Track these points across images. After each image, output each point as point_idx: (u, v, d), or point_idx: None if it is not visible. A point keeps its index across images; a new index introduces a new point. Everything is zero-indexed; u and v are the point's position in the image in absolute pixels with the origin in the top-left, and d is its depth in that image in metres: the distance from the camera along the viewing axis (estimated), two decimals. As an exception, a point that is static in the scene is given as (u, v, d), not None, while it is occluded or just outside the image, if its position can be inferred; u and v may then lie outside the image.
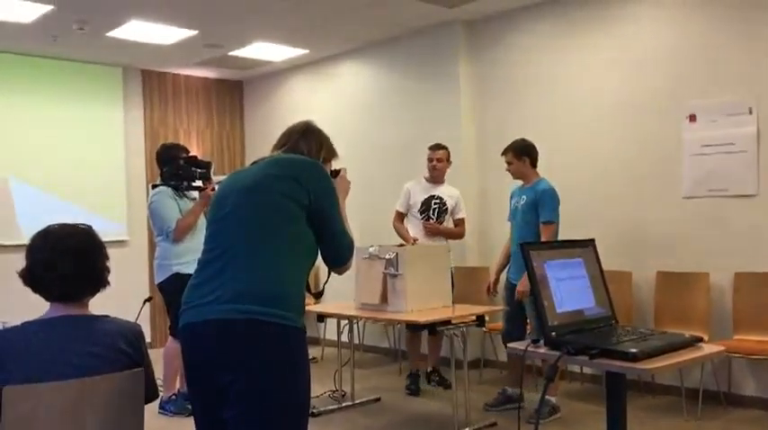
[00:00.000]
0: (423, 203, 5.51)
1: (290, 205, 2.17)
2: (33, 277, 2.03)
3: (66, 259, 2.02)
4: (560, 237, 5.53)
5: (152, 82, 7.87)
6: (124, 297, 7.25)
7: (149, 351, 2.18)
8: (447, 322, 4.23)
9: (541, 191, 4.59)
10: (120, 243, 7.49)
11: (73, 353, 1.97)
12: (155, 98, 7.89)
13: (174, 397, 4.91)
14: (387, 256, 4.43)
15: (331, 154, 2.51)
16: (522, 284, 4.45)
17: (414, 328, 5.50)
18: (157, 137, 7.87)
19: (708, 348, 1.77)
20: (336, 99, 7.45)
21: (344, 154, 6.28)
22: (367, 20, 6.11)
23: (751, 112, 4.65)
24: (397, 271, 4.37)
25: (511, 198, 4.92)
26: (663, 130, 5.05)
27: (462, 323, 4.29)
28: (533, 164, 4.74)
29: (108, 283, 2.13)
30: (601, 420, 4.40)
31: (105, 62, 7.32)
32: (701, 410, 4.52)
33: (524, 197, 4.68)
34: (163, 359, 4.93)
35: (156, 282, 4.94)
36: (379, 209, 6.80)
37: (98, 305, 2.51)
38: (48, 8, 5.49)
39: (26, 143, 6.94)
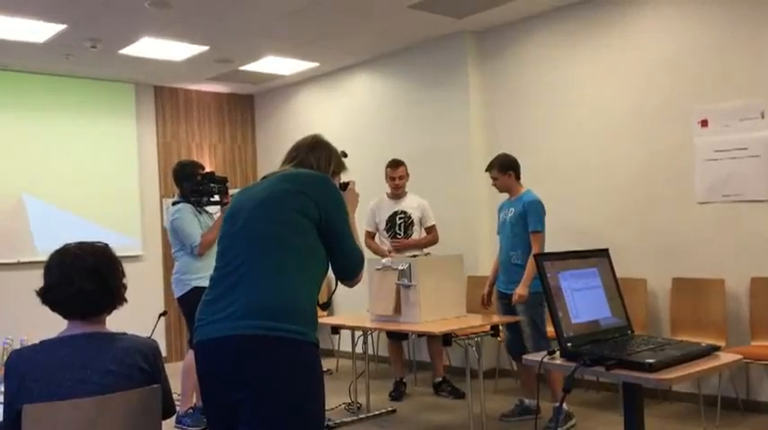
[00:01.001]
0: (388, 221, 5.61)
1: (301, 220, 2.18)
2: (51, 295, 2.06)
3: (84, 277, 2.04)
4: (573, 245, 5.55)
5: (164, 97, 7.94)
6: (139, 312, 7.28)
7: (165, 365, 2.21)
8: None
9: (528, 202, 4.66)
10: (135, 258, 7.54)
11: (92, 371, 1.99)
12: (167, 113, 7.96)
13: (191, 410, 4.95)
14: (400, 267, 4.43)
15: (340, 167, 2.53)
16: (520, 290, 4.51)
17: (396, 337, 5.54)
18: (170, 152, 7.94)
19: (725, 357, 1.76)
20: (347, 111, 7.48)
21: (355, 166, 6.33)
22: (376, 32, 6.14)
23: (763, 116, 4.63)
24: (410, 281, 4.37)
25: (499, 212, 4.97)
26: (674, 136, 5.03)
27: (477, 333, 4.28)
28: (517, 177, 4.82)
29: (125, 300, 2.15)
30: (617, 426, 4.38)
31: (118, 79, 7.40)
32: (719, 417, 4.48)
33: (512, 209, 4.75)
34: (181, 372, 5.01)
35: (176, 296, 5.01)
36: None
37: (113, 320, 2.52)
38: (61, 27, 5.56)
39: (40, 160, 7.02)
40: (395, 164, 5.65)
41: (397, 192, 5.64)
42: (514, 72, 6.06)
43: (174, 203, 5.03)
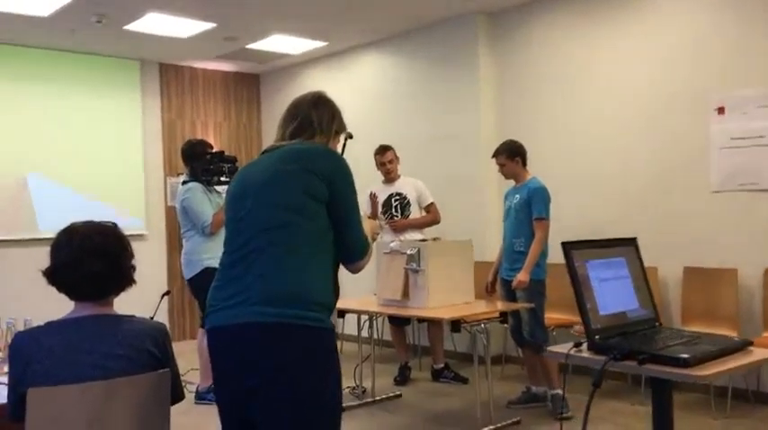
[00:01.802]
0: (384, 204, 5.54)
1: (309, 202, 2.09)
2: (58, 276, 1.99)
3: (92, 258, 1.97)
4: (584, 232, 5.47)
5: (169, 75, 7.83)
6: (142, 291, 7.21)
7: None
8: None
9: (534, 189, 4.59)
10: (139, 237, 7.46)
11: (99, 355, 1.92)
12: (172, 91, 7.86)
13: (213, 385, 4.94)
14: (409, 252, 4.36)
15: (342, 127, 2.42)
16: (521, 276, 4.45)
17: (398, 322, 5.49)
18: (175, 130, 7.85)
19: (759, 352, 1.69)
20: (355, 92, 7.37)
21: (364, 147, 6.30)
22: (386, 12, 6.03)
23: (782, 104, 4.54)
24: (419, 266, 4.30)
25: (505, 198, 4.90)
26: (690, 123, 4.94)
27: (485, 319, 4.22)
28: (524, 163, 4.74)
29: (134, 281, 2.08)
30: (623, 416, 4.32)
31: (123, 55, 7.29)
32: (729, 408, 4.43)
33: (518, 196, 4.68)
34: (198, 351, 5.08)
35: (187, 277, 5.01)
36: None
37: (117, 299, 2.45)
38: (66, 1, 5.45)
39: (43, 137, 6.93)
40: (382, 149, 5.61)
41: (390, 177, 5.60)
42: (526, 54, 5.95)
43: (183, 183, 4.99)
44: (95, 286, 1.99)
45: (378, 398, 5.07)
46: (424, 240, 4.72)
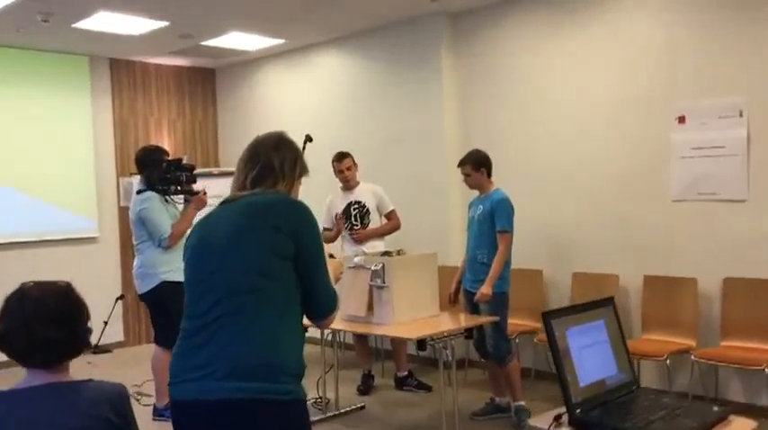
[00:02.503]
0: (343, 213, 5.46)
1: (276, 262, 2.00)
2: (9, 342, 1.86)
3: (46, 325, 1.84)
4: (545, 240, 5.50)
5: (120, 70, 7.57)
6: (95, 295, 7.05)
7: (122, 349, 2.02)
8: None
9: (497, 201, 4.56)
10: (91, 239, 7.26)
11: (57, 428, 1.81)
12: (123, 87, 7.60)
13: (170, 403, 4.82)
14: (373, 267, 4.29)
15: (304, 169, 2.29)
16: (484, 289, 4.43)
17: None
18: (127, 128, 7.61)
19: (739, 424, 1.67)
20: (314, 89, 7.24)
21: (322, 146, 6.19)
22: (346, 10, 5.89)
23: (741, 115, 4.58)
24: (384, 283, 4.24)
25: (469, 208, 4.87)
26: (651, 131, 4.96)
27: (450, 336, 4.19)
28: (489, 174, 4.70)
29: (90, 345, 1.96)
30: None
31: (70, 51, 7.00)
32: (688, 416, 4.50)
33: (481, 207, 4.65)
34: (152, 369, 4.89)
35: (141, 292, 4.81)
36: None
37: None
38: (10, 0, 5.18)
39: (-12, 137, 6.64)
40: (340, 157, 5.48)
41: (348, 185, 5.49)
42: (490, 56, 5.90)
43: (138, 192, 4.77)
44: (49, 354, 1.87)
45: (342, 410, 5.02)
46: (387, 252, 4.64)
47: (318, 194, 7.29)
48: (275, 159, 2.18)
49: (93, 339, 6.88)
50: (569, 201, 5.40)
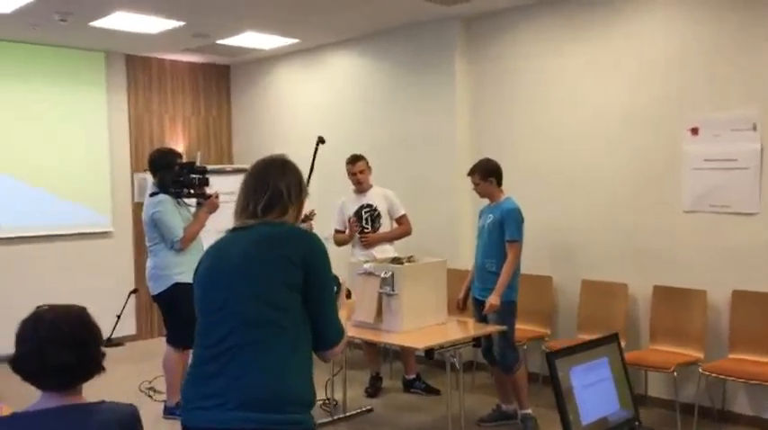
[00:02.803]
0: (354, 215, 5.47)
1: (288, 295, 2.05)
2: (24, 366, 1.91)
3: (60, 349, 1.89)
4: (554, 246, 5.51)
5: (136, 67, 7.61)
6: (109, 289, 7.20)
7: (133, 343, 2.05)
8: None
9: (507, 210, 4.58)
10: (105, 234, 7.34)
11: (69, 451, 1.86)
12: (139, 84, 7.64)
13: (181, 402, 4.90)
14: (383, 275, 4.33)
15: (306, 191, 2.32)
16: (493, 300, 4.46)
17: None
18: (142, 124, 7.67)
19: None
20: (327, 89, 7.25)
21: (333, 146, 6.23)
22: (361, 13, 5.90)
23: (755, 129, 4.55)
24: (393, 290, 4.28)
25: (479, 216, 4.88)
26: (664, 142, 4.95)
27: (459, 345, 4.22)
28: (499, 183, 4.72)
29: (104, 369, 2.01)
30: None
31: (88, 47, 7.05)
32: (696, 426, 4.52)
33: (491, 216, 4.67)
34: (164, 368, 4.98)
35: (154, 293, 4.88)
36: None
37: (83, 297, 2.29)
38: (28, 0, 5.23)
39: (3, 131, 6.70)
40: (353, 159, 5.49)
41: (361, 187, 5.50)
42: (503, 61, 5.89)
43: (151, 195, 4.83)
44: (62, 377, 1.92)
45: (349, 413, 5.07)
46: (397, 259, 4.67)
47: (329, 196, 7.33)
48: (283, 186, 2.20)
49: (106, 332, 6.99)
50: (580, 208, 5.40)
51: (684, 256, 4.87)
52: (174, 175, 4.78)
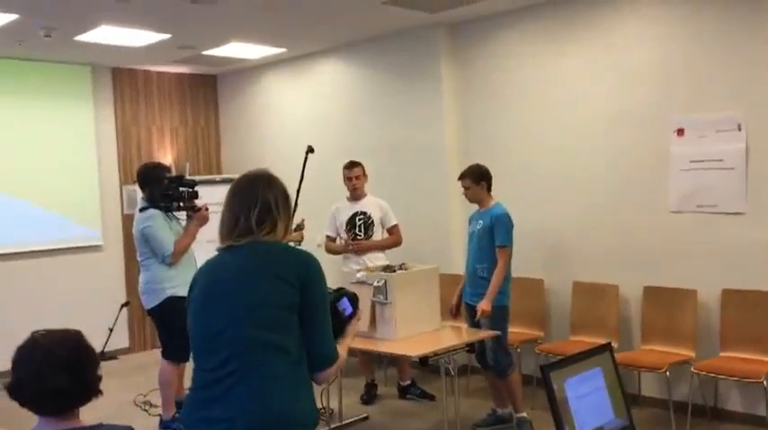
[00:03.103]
0: (348, 222, 5.52)
1: (285, 315, 2.07)
2: (21, 392, 1.91)
3: (57, 373, 1.89)
4: (544, 250, 5.54)
5: (123, 79, 7.60)
6: (100, 303, 7.18)
7: (126, 357, 2.06)
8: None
9: (497, 216, 4.63)
10: (95, 248, 7.31)
11: (67, 476, 1.86)
12: (125, 96, 7.63)
13: (177, 414, 4.90)
14: (375, 283, 4.35)
15: (291, 205, 2.31)
16: (484, 305, 4.49)
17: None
18: (130, 136, 7.65)
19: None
20: (315, 98, 7.27)
21: (322, 155, 6.23)
22: (346, 23, 5.93)
23: (740, 129, 4.61)
24: (386, 299, 4.30)
25: (469, 222, 4.93)
26: (650, 143, 4.99)
27: (453, 351, 4.24)
28: (488, 188, 4.76)
29: (101, 392, 2.01)
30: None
31: (73, 61, 7.03)
32: (689, 424, 4.55)
33: (481, 221, 4.71)
34: (159, 383, 4.96)
35: (148, 307, 4.89)
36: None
37: (76, 311, 2.30)
38: (12, 17, 5.22)
39: (-8, 148, 6.68)
40: (351, 164, 5.54)
41: (356, 194, 5.54)
42: (489, 67, 5.92)
43: (141, 209, 4.84)
44: (60, 402, 1.92)
45: (345, 422, 5.08)
46: (389, 267, 4.69)
47: (319, 203, 7.34)
48: (271, 198, 2.19)
49: (99, 347, 6.97)
50: (569, 210, 5.44)
51: (674, 256, 4.91)
52: (163, 189, 4.80)
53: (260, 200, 2.17)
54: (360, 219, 5.49)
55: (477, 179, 4.72)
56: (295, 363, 2.08)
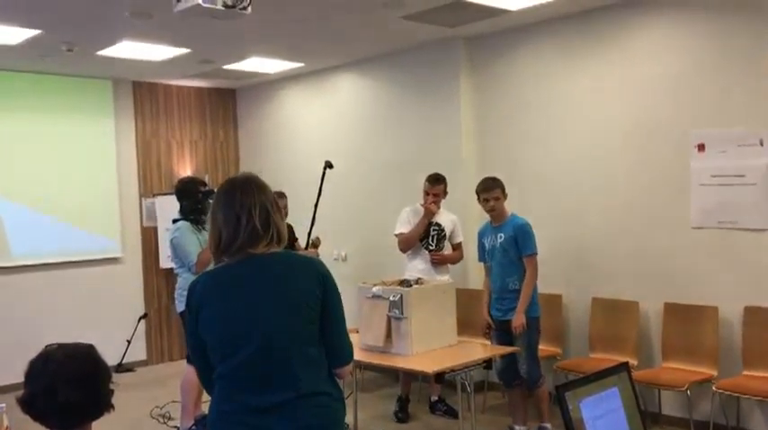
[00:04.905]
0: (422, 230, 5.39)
1: (314, 328, 2.22)
2: (34, 406, 1.91)
3: (69, 387, 1.89)
4: (562, 264, 5.48)
5: (143, 93, 7.67)
6: (119, 315, 7.22)
7: (144, 369, 2.10)
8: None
9: (519, 226, 4.66)
10: (114, 260, 7.36)
11: (78, 491, 1.86)
12: (146, 109, 7.70)
13: (193, 427, 4.91)
14: (391, 298, 4.32)
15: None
16: (519, 319, 4.52)
17: None
18: (149, 149, 7.71)
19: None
20: (333, 111, 7.29)
21: (340, 169, 6.22)
22: (364, 38, 5.95)
23: (762, 144, 4.54)
24: (402, 314, 4.27)
25: (480, 237, 4.90)
26: (671, 158, 4.94)
27: (469, 367, 4.20)
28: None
29: (113, 407, 2.01)
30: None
31: (94, 75, 7.11)
32: (710, 445, 4.48)
33: (502, 235, 4.70)
34: (181, 388, 5.01)
35: (179, 311, 5.01)
36: (376, 225, 6.71)
37: (94, 323, 2.31)
38: (35, 32, 5.29)
39: (12, 160, 6.76)
40: (435, 180, 5.35)
41: (433, 208, 5.38)
42: (508, 81, 5.90)
43: (174, 221, 5.09)
44: (72, 417, 1.92)
45: (361, 437, 5.05)
46: (405, 281, 4.66)
47: (338, 217, 7.33)
48: (267, 201, 2.22)
49: (116, 358, 7.00)
50: (588, 226, 5.38)
51: (694, 273, 4.84)
52: (194, 202, 5.00)
53: (259, 203, 2.19)
54: (434, 230, 5.40)
55: (503, 191, 4.71)
56: (327, 368, 2.27)
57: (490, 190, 4.72)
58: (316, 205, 5.83)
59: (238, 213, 2.16)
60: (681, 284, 4.89)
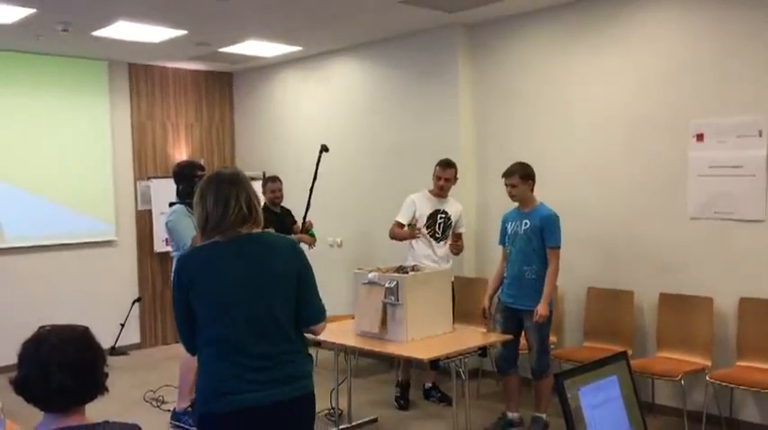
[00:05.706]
0: (429, 217, 5.34)
1: (291, 303, 2.55)
2: (27, 389, 1.89)
3: (63, 371, 1.87)
4: (561, 255, 5.47)
5: (139, 75, 7.60)
6: (113, 298, 7.20)
7: (138, 352, 2.15)
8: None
9: (547, 216, 4.57)
10: (108, 243, 7.32)
11: (71, 474, 1.84)
12: (141, 91, 7.63)
13: (190, 408, 4.90)
14: (387, 285, 4.31)
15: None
16: (543, 310, 4.45)
17: None
18: (145, 132, 7.66)
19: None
20: (329, 96, 7.24)
21: (336, 153, 6.18)
22: (362, 22, 5.89)
23: (761, 135, 4.53)
24: (398, 300, 4.26)
25: (505, 222, 4.82)
26: (669, 148, 4.92)
27: (464, 355, 4.19)
28: (533, 187, 4.68)
29: (107, 390, 1.99)
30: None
31: (90, 56, 7.05)
32: (703, 434, 4.49)
33: (527, 222, 4.61)
34: (180, 370, 5.03)
35: None
36: (372, 212, 6.70)
37: (88, 305, 2.29)
38: (30, 11, 5.23)
39: (7, 141, 6.69)
40: (446, 164, 5.31)
41: (441, 193, 5.36)
42: (507, 67, 5.87)
43: (170, 205, 5.08)
44: (66, 400, 1.90)
45: (354, 423, 5.04)
46: (401, 268, 4.64)
47: (334, 202, 7.32)
48: (250, 190, 2.57)
49: (110, 342, 6.98)
50: (584, 215, 5.37)
51: (690, 263, 4.84)
52: (190, 186, 4.92)
53: (244, 191, 2.54)
54: (441, 217, 5.35)
55: (524, 177, 4.63)
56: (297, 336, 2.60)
57: (508, 175, 4.66)
58: (311, 189, 5.81)
59: (228, 197, 2.49)
60: (676, 275, 4.89)
